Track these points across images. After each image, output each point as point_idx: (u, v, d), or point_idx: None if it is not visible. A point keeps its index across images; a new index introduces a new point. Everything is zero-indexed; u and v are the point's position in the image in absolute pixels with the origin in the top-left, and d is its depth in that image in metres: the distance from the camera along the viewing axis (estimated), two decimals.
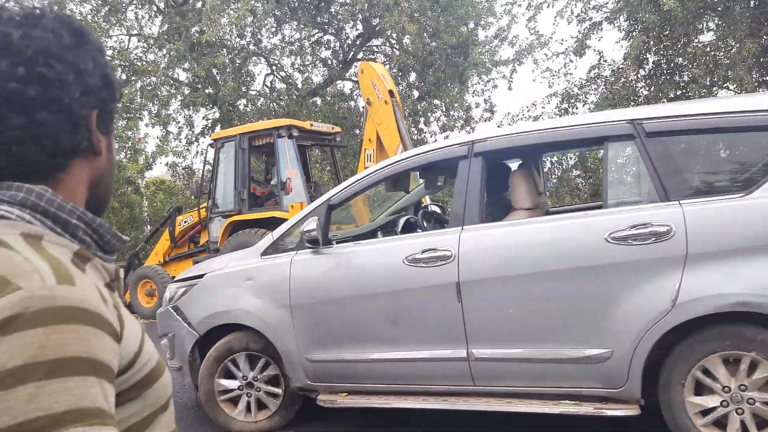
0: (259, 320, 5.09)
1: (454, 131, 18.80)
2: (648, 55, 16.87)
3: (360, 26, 18.49)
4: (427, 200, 8.41)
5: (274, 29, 18.09)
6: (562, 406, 4.30)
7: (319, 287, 4.93)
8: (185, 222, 12.27)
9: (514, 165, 5.82)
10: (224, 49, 16.54)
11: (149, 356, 1.09)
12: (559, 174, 18.16)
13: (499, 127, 18.52)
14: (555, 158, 17.33)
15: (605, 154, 4.46)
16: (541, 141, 4.72)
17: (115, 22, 15.97)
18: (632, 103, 16.92)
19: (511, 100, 61.86)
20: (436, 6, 16.83)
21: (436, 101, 18.84)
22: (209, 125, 17.59)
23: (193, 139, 17.06)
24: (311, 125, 11.85)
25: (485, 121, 19.50)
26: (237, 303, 5.18)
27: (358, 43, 19.14)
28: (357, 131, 17.09)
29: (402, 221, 6.12)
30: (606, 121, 4.47)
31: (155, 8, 16.67)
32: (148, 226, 16.23)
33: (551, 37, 18.74)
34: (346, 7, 17.32)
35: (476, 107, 19.56)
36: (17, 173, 1.02)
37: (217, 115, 16.90)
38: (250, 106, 17.48)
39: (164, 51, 16.12)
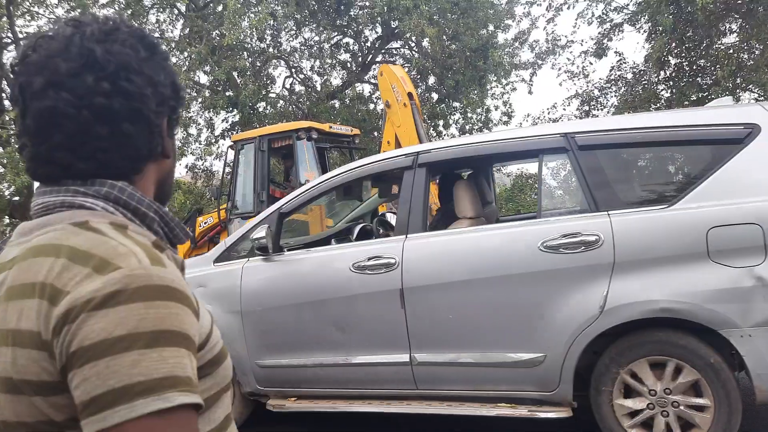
0: None
1: (473, 134, 18.76)
2: (669, 57, 16.68)
3: (379, 29, 18.54)
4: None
5: (293, 32, 18.25)
6: (499, 408, 4.43)
7: (269, 294, 5.02)
8: (205, 223, 12.36)
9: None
10: (245, 53, 16.75)
11: (217, 338, 1.21)
12: None
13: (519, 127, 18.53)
14: None
15: (540, 166, 4.63)
16: (482, 153, 4.84)
17: (137, 25, 16.23)
18: (653, 106, 16.79)
19: (531, 102, 61.76)
20: (455, 8, 16.82)
21: (455, 104, 18.82)
22: (229, 128, 17.82)
23: (213, 141, 17.32)
24: (330, 127, 11.90)
25: (504, 123, 19.45)
26: None
27: (377, 45, 19.22)
28: (376, 134, 17.17)
29: (357, 229, 6.20)
30: (541, 134, 4.62)
31: (176, 12, 16.94)
32: None
33: (571, 40, 18.50)
34: (366, 11, 17.38)
35: (495, 110, 19.55)
36: (99, 176, 1.12)
37: (236, 117, 17.08)
38: (269, 108, 17.64)
39: (185, 54, 16.35)
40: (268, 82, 17.60)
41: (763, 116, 4.07)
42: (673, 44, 16.23)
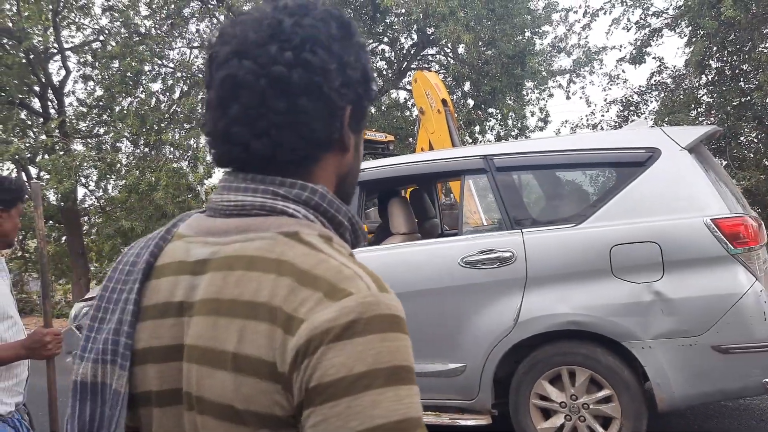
0: None
1: (509, 140, 18.58)
2: (710, 62, 16.29)
3: (415, 36, 18.57)
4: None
5: None
6: (424, 416, 4.53)
7: None
8: None
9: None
10: None
11: None
12: None
13: (557, 133, 18.44)
14: None
15: (462, 186, 4.84)
16: (410, 173, 5.04)
17: (177, 35, 16.71)
18: (693, 111, 16.39)
19: (568, 107, 61.04)
20: (491, 14, 16.76)
21: (491, 110, 18.71)
22: None
23: None
24: (365, 134, 11.99)
25: (540, 130, 19.23)
26: None
27: (412, 52, 19.27)
28: (411, 140, 17.21)
29: None
30: (463, 156, 4.82)
31: (215, 21, 17.30)
32: None
33: (605, 46, 18.16)
34: (402, 18, 17.45)
35: (531, 116, 19.33)
36: (276, 161, 1.05)
37: None
38: None
39: None
40: None
41: (663, 140, 4.24)
42: (715, 48, 15.83)
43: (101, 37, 16.80)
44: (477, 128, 18.64)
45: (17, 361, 2.81)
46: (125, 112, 15.42)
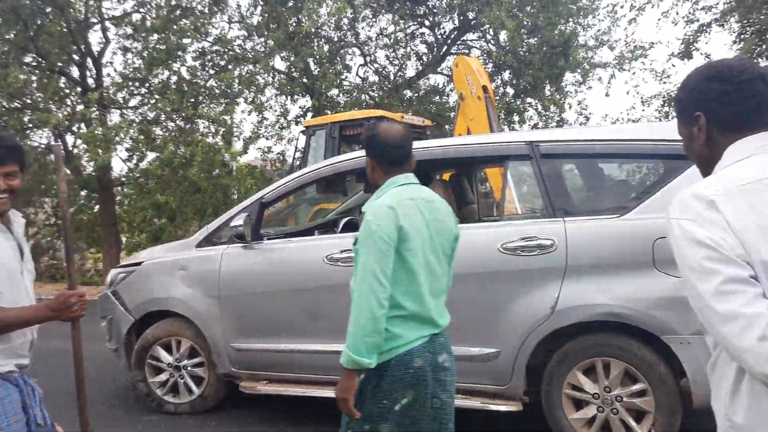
0: (189, 308, 5.41)
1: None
2: (761, 59, 15.90)
3: (456, 20, 18.27)
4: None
5: (370, 20, 18.27)
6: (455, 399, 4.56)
7: (246, 280, 5.20)
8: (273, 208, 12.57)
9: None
10: (322, 40, 16.93)
11: None
12: None
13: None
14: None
15: (505, 172, 4.76)
16: (453, 156, 4.97)
17: (217, 10, 16.64)
18: None
19: (607, 101, 60.58)
20: (536, 2, 16.47)
21: (530, 100, 18.41)
22: (302, 113, 18.02)
23: (285, 126, 17.52)
24: (402, 117, 11.89)
25: (580, 124, 18.77)
26: (170, 291, 5.51)
27: (452, 37, 18.98)
28: (448, 127, 17.00)
29: (343, 222, 6.25)
30: (508, 141, 4.76)
31: None
32: None
33: (653, 42, 17.75)
34: (444, 0, 17.24)
35: (569, 108, 18.90)
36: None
37: (308, 103, 17.24)
38: (342, 96, 17.77)
39: (262, 39, 16.59)
40: (343, 69, 17.62)
41: None
42: (765, 45, 15.45)
43: (141, 10, 16.76)
44: (517, 118, 18.37)
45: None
46: (163, 85, 15.45)
